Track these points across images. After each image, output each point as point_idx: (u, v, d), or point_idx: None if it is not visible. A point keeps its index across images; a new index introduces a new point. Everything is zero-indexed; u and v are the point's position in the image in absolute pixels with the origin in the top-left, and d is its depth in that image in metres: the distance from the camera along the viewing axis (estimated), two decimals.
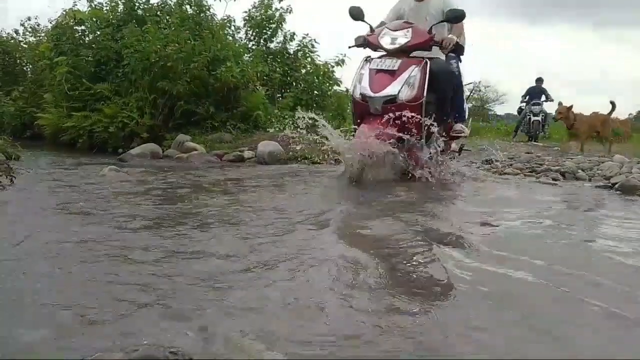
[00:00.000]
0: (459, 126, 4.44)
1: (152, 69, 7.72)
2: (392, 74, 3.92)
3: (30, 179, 3.84)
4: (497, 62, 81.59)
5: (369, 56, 4.18)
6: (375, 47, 4.20)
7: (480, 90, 36.12)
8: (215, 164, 6.04)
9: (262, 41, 10.14)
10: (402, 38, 4.07)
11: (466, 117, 4.74)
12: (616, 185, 4.71)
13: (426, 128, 3.99)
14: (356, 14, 4.31)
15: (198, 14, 8.73)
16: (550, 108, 12.42)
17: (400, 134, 3.80)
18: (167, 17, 8.73)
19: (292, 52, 10.15)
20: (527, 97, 12.88)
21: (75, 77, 8.18)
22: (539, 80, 12.86)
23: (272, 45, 10.21)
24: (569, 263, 1.90)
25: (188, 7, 8.79)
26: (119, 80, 8.11)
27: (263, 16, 9.97)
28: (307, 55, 10.05)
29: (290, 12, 9.94)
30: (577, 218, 3.09)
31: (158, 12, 8.83)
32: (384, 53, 4.13)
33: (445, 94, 4.19)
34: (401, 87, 3.85)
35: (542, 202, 3.56)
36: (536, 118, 12.42)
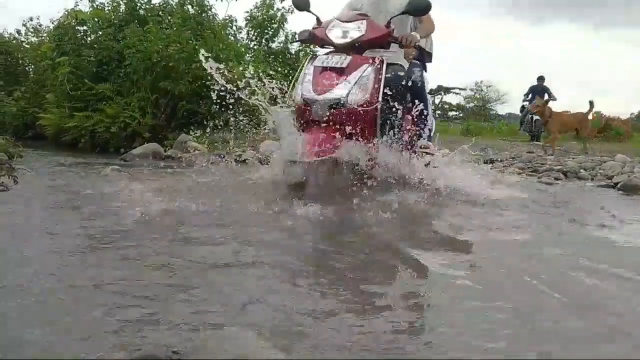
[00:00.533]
0: (422, 142, 3.72)
1: (154, 69, 7.71)
2: (341, 72, 3.26)
3: (32, 179, 3.84)
4: (498, 62, 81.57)
5: (315, 54, 3.63)
6: (323, 42, 3.54)
7: (482, 91, 36.23)
8: (216, 164, 6.03)
9: (263, 41, 10.14)
10: (355, 31, 3.39)
11: (432, 133, 4.03)
12: (618, 185, 4.72)
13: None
14: (301, 4, 3.71)
15: (200, 14, 8.72)
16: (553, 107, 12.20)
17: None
18: (169, 17, 8.72)
19: (293, 52, 10.15)
20: (530, 96, 12.77)
21: (77, 77, 8.17)
22: (541, 79, 12.80)
23: (273, 45, 10.21)
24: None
25: (190, 7, 8.79)
26: (121, 81, 8.11)
27: (265, 16, 9.97)
28: (309, 55, 10.05)
29: (291, 12, 9.93)
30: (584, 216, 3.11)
31: (160, 12, 8.83)
32: (333, 49, 3.48)
33: (399, 105, 3.44)
34: (351, 89, 3.19)
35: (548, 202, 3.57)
36: (538, 117, 12.35)
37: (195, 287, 1.60)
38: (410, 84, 3.58)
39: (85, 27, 8.72)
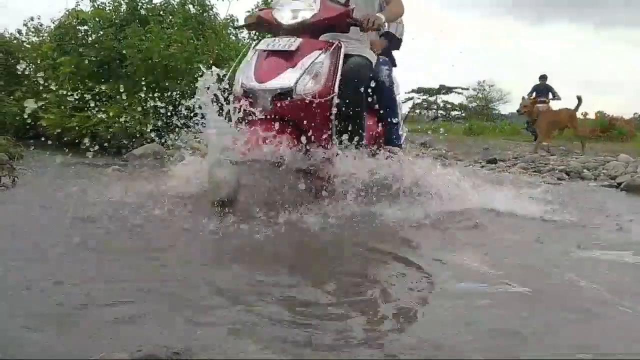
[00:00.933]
0: (391, 149, 3.19)
1: (155, 68, 7.71)
2: (289, 57, 2.76)
3: (33, 180, 3.83)
4: (498, 62, 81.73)
5: (261, 38, 3.06)
6: (270, 25, 3.03)
7: (484, 90, 36.25)
8: None
9: None
10: (307, 11, 2.87)
11: (402, 141, 3.46)
12: (622, 185, 4.70)
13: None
14: None
15: (201, 14, 8.72)
16: (557, 107, 12.00)
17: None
18: (170, 17, 8.72)
19: None
20: (534, 95, 12.46)
21: (78, 77, 8.17)
22: (543, 78, 12.61)
23: None
24: None
25: (191, 6, 8.79)
26: (122, 81, 8.10)
27: None
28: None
29: None
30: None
31: (161, 12, 8.83)
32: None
33: (356, 104, 2.88)
34: (300, 77, 2.68)
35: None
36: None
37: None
38: (375, 83, 3.09)
39: (86, 27, 8.73)
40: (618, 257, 2.20)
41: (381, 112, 3.26)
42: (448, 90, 38.70)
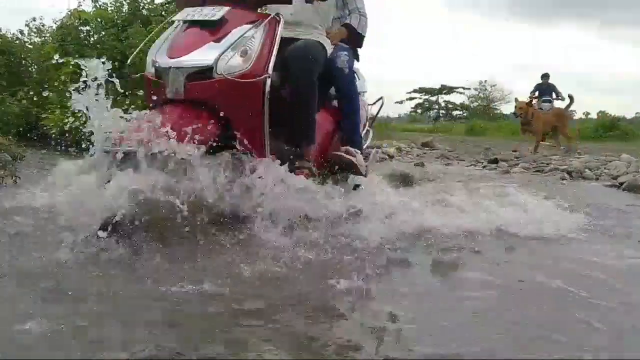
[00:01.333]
0: (348, 150, 2.67)
1: None
2: (213, 30, 2.25)
3: (34, 180, 3.83)
4: (500, 62, 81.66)
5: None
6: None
7: (486, 90, 36.22)
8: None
9: None
10: None
11: (363, 141, 2.96)
12: (623, 185, 4.70)
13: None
14: None
15: None
16: (559, 106, 11.81)
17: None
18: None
19: None
20: (537, 94, 12.21)
21: (80, 77, 8.19)
22: (545, 76, 12.43)
23: None
24: None
25: None
26: (124, 81, 8.10)
27: None
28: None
29: None
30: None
31: (163, 12, 8.83)
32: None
33: (306, 92, 2.43)
34: (223, 53, 2.18)
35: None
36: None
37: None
38: (331, 71, 2.64)
39: (88, 27, 8.74)
40: None
41: (337, 103, 2.81)
42: (449, 90, 38.70)
